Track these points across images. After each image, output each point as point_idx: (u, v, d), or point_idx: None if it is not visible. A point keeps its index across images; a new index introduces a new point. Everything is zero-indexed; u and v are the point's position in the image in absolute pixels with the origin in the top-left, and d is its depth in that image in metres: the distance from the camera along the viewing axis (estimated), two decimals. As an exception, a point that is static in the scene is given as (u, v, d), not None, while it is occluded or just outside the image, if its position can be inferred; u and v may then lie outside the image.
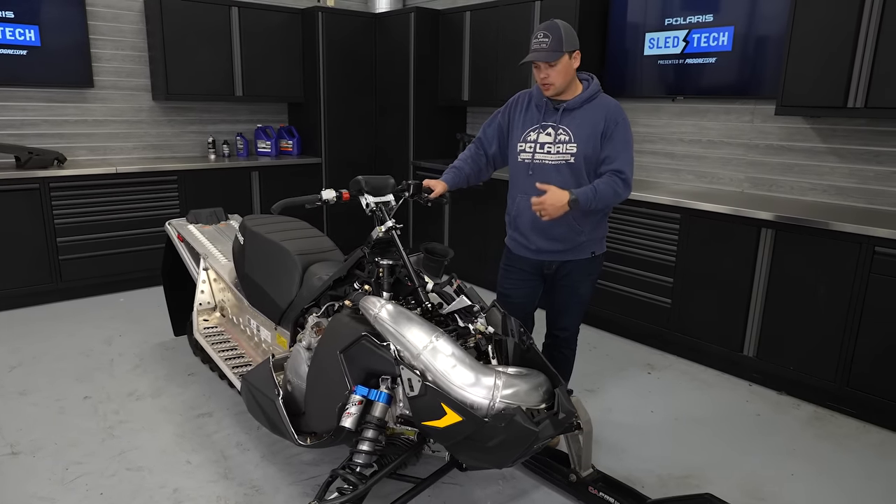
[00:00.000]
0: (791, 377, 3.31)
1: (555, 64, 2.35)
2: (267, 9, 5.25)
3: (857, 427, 3.05)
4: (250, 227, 2.89)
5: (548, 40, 2.33)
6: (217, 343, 3.00)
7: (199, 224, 3.55)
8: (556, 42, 2.32)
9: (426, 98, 5.49)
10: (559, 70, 2.36)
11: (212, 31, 4.99)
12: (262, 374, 2.34)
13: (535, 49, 2.36)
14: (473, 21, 5.07)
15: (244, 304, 2.90)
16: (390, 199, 2.32)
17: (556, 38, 2.33)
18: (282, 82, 5.47)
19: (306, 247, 2.72)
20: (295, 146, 5.71)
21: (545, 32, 2.34)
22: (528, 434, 1.74)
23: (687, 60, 4.03)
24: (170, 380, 3.33)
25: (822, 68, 3.19)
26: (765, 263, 3.31)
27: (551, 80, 2.38)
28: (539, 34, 2.35)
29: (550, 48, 2.32)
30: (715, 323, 3.56)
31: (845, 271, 3.02)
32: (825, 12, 3.15)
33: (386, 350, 1.90)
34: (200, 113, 5.39)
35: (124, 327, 4.04)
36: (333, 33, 5.41)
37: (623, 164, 2.39)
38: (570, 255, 2.57)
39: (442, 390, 1.80)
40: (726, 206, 3.42)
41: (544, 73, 2.38)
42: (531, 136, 2.52)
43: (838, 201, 3.55)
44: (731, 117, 3.95)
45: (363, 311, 2.03)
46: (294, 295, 2.56)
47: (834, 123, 3.50)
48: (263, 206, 5.28)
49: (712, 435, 2.94)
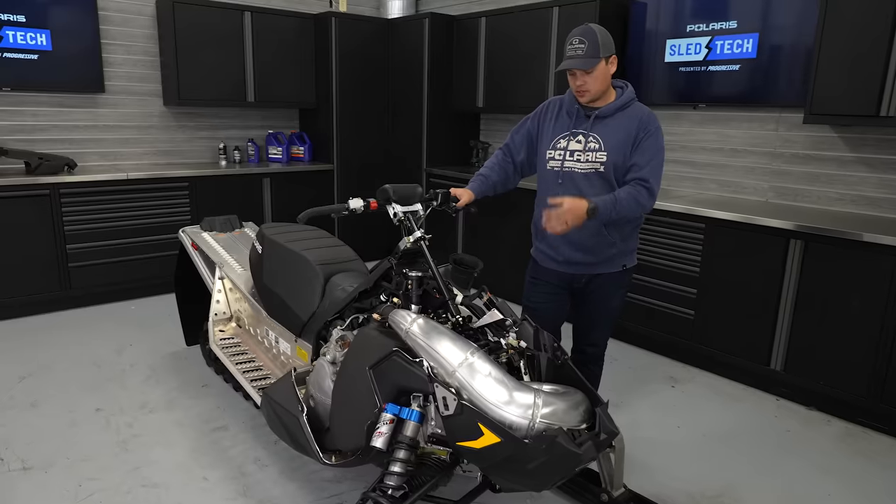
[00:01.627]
0: (821, 392, 3.22)
1: (591, 71, 2.27)
2: (280, 14, 5.20)
3: (891, 444, 2.96)
4: (269, 235, 2.82)
5: (584, 46, 2.25)
6: (234, 355, 2.92)
7: (213, 232, 3.48)
8: (592, 48, 2.25)
9: (440, 104, 5.43)
10: (596, 76, 2.29)
11: (224, 35, 4.93)
12: (284, 389, 2.26)
13: (570, 56, 2.28)
14: (489, 27, 5.01)
15: (262, 314, 2.82)
16: (418, 209, 2.25)
17: (593, 43, 2.25)
18: (294, 88, 5.41)
19: (328, 256, 2.65)
20: (306, 152, 5.64)
21: (580, 38, 2.26)
22: (571, 457, 1.66)
23: (709, 68, 3.95)
24: (183, 391, 3.24)
25: (853, 76, 3.12)
26: (793, 275, 3.22)
27: (588, 87, 2.31)
28: (574, 40, 2.28)
29: (587, 54, 2.25)
30: (740, 335, 3.47)
31: (880, 284, 2.93)
32: (856, 18, 3.08)
33: (419, 366, 1.82)
34: (211, 119, 5.33)
35: (135, 336, 3.96)
36: (346, 39, 5.35)
37: (649, 173, 2.31)
38: (601, 269, 2.49)
39: (479, 409, 1.72)
40: (753, 216, 3.34)
41: (581, 80, 2.30)
42: (561, 143, 2.45)
43: (868, 212, 3.47)
44: (755, 125, 3.88)
45: (393, 325, 1.95)
46: (316, 306, 2.49)
47: (864, 132, 3.43)
48: (275, 213, 5.21)
49: (742, 452, 2.85)
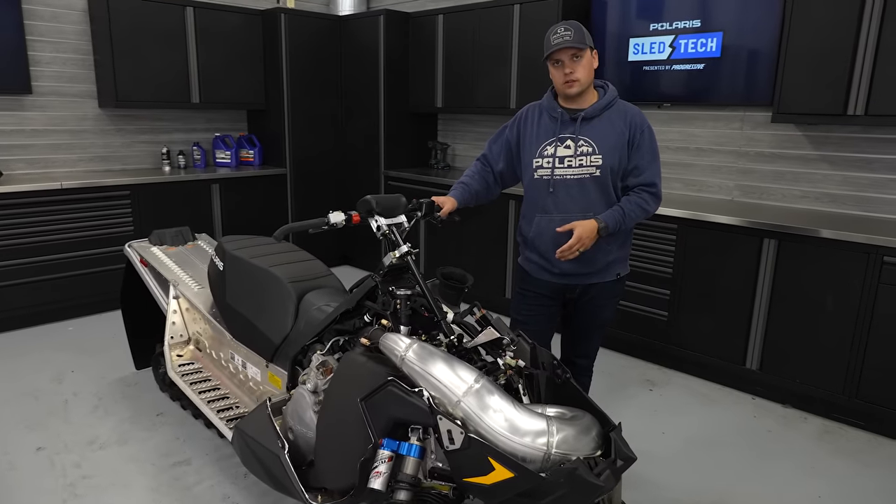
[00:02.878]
0: (796, 390, 3.23)
1: (580, 57, 2.18)
2: (225, 10, 4.89)
3: (868, 440, 2.99)
4: (230, 250, 2.58)
5: (570, 32, 2.15)
6: (196, 382, 2.67)
7: (163, 246, 3.20)
8: (579, 35, 2.16)
9: (397, 105, 5.25)
10: (584, 65, 2.20)
11: (165, 32, 4.60)
12: (260, 423, 2.05)
13: (558, 41, 2.17)
14: (447, 25, 4.86)
15: (226, 337, 2.59)
16: (402, 221, 2.08)
17: (578, 31, 2.17)
18: (242, 88, 5.11)
19: (298, 272, 2.45)
20: (256, 156, 5.35)
21: (566, 27, 2.18)
22: (592, 489, 1.53)
23: (674, 67, 3.93)
24: (136, 422, 2.96)
25: (819, 75, 3.14)
26: (767, 274, 3.22)
27: (577, 76, 2.20)
28: (559, 28, 2.18)
29: (576, 38, 2.15)
30: (715, 336, 3.46)
31: (853, 281, 2.96)
32: (821, 18, 3.10)
33: (418, 397, 1.66)
34: (153, 121, 4.97)
35: (76, 361, 3.62)
36: (297, 36, 5.10)
37: (653, 176, 2.25)
38: (596, 278, 2.39)
39: (489, 442, 1.57)
40: (726, 217, 3.33)
41: (569, 69, 2.19)
42: (548, 150, 2.32)
43: (831, 209, 3.52)
44: (720, 124, 3.89)
45: (386, 351, 1.78)
46: (289, 328, 2.28)
47: (828, 131, 3.47)
48: (226, 222, 4.91)
49: (729, 456, 2.81)
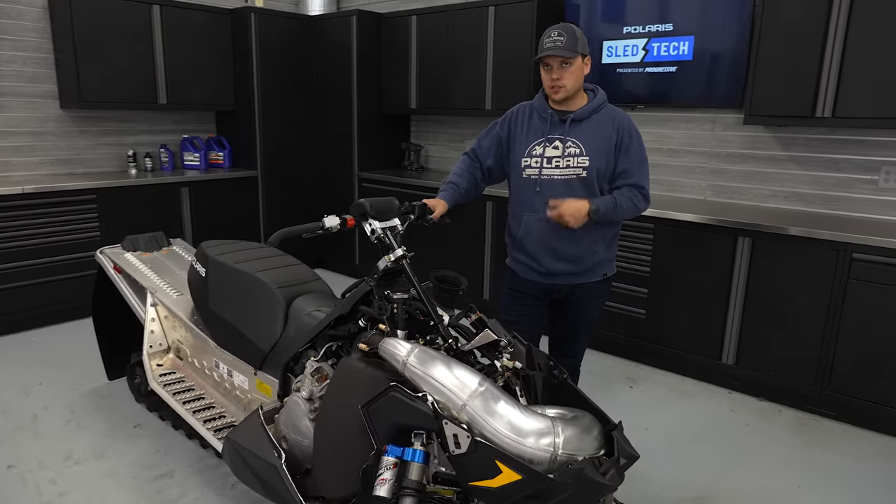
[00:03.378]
0: (770, 383, 3.33)
1: (569, 64, 2.20)
2: (192, 8, 4.77)
3: (840, 430, 3.10)
4: (213, 256, 2.52)
5: (563, 38, 2.17)
6: (180, 392, 2.59)
7: (137, 252, 3.10)
8: (571, 41, 2.18)
9: (370, 106, 5.21)
10: (572, 72, 2.22)
11: (131, 31, 4.46)
12: (253, 432, 2.00)
13: (549, 46, 2.19)
14: (421, 26, 4.85)
15: (210, 345, 2.52)
16: (396, 224, 2.06)
17: (571, 37, 2.18)
18: (210, 89, 5.00)
19: (285, 277, 2.40)
20: (226, 158, 5.24)
21: (559, 31, 2.19)
22: (599, 489, 1.55)
23: (647, 69, 4.01)
24: (113, 435, 2.86)
25: (789, 79, 3.24)
26: (742, 271, 3.31)
27: (563, 83, 2.22)
28: (553, 33, 2.20)
29: (566, 46, 2.17)
30: (692, 332, 3.54)
31: (824, 277, 3.07)
32: (790, 23, 3.20)
33: (422, 402, 1.64)
34: (118, 123, 4.81)
35: (43, 373, 3.48)
36: (267, 36, 5.01)
37: (642, 179, 2.29)
38: (583, 278, 2.42)
39: (495, 445, 1.57)
40: (701, 216, 3.41)
41: (557, 74, 2.21)
42: (536, 150, 2.34)
43: (800, 207, 3.64)
44: (692, 126, 3.98)
45: (386, 356, 1.76)
46: (278, 335, 2.24)
47: (795, 132, 3.59)
48: (196, 226, 4.79)
49: (711, 450, 2.88)
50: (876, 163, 3.36)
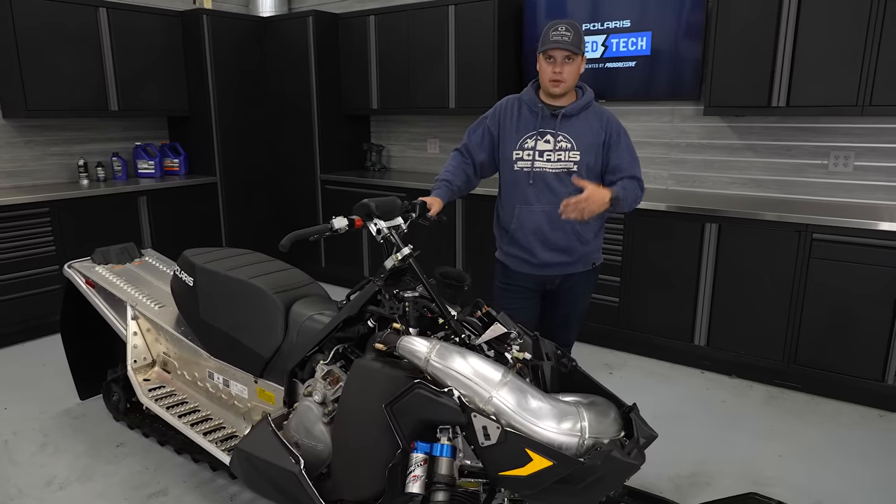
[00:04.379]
0: (740, 361, 3.50)
1: (573, 60, 2.26)
2: (141, 10, 4.60)
3: (807, 401, 3.30)
4: (200, 264, 2.45)
5: (570, 34, 2.23)
6: (174, 406, 2.50)
7: (109, 264, 2.98)
8: (577, 39, 2.24)
9: (331, 108, 5.16)
10: (573, 68, 2.28)
11: (77, 35, 4.26)
12: (265, 441, 1.97)
13: (556, 39, 2.23)
14: (380, 26, 4.83)
15: (202, 356, 2.45)
16: (400, 223, 2.07)
17: (577, 35, 2.25)
18: (163, 94, 4.83)
19: (280, 282, 2.36)
20: (182, 165, 5.07)
21: (567, 26, 2.24)
22: (627, 469, 1.61)
23: (607, 65, 4.14)
24: (96, 456, 2.74)
25: (746, 72, 3.42)
26: (710, 256, 3.47)
27: (564, 77, 2.28)
28: (560, 27, 2.25)
29: (573, 42, 2.22)
30: (665, 317, 3.68)
31: (787, 258, 3.25)
32: (744, 20, 3.37)
33: (448, 396, 1.66)
34: (65, 131, 4.59)
35: (7, 397, 3.28)
36: (221, 38, 4.88)
37: (637, 172, 2.38)
38: (575, 268, 2.49)
39: (525, 434, 1.60)
40: (670, 204, 3.55)
41: (559, 68, 2.27)
42: (528, 143, 2.39)
43: (757, 193, 3.84)
44: (652, 118, 4.13)
45: (407, 355, 1.76)
46: (280, 341, 2.20)
47: (750, 122, 3.78)
48: (155, 236, 4.62)
49: (694, 428, 3.01)
50: (825, 148, 3.59)
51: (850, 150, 3.51)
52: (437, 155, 5.18)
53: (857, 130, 3.47)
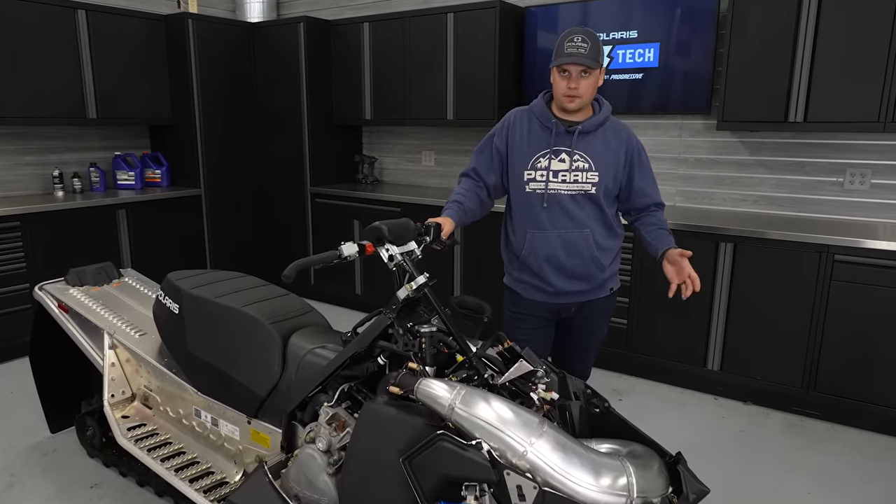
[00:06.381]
0: (756, 387, 3.35)
1: (589, 74, 2.06)
2: (122, 14, 4.36)
3: (827, 429, 3.14)
4: (187, 289, 2.22)
5: (587, 46, 2.03)
6: (155, 448, 2.26)
7: (85, 286, 2.74)
8: (594, 51, 2.04)
9: (321, 117, 4.95)
10: (590, 83, 2.08)
11: (54, 38, 4.01)
12: (261, 494, 1.75)
13: (571, 52, 2.04)
14: (374, 33, 4.65)
15: (188, 391, 2.22)
16: (414, 248, 1.86)
17: (595, 47, 2.05)
18: (145, 101, 4.59)
19: (276, 311, 2.14)
20: (164, 176, 4.82)
21: (583, 37, 2.04)
22: (682, 535, 1.42)
23: (612, 76, 3.99)
24: (67, 499, 2.48)
25: (761, 84, 3.28)
26: (725, 277, 3.32)
27: (580, 92, 2.08)
28: (576, 38, 2.05)
29: (590, 55, 2.03)
30: (676, 340, 3.51)
31: (807, 279, 3.10)
32: (762, 30, 3.24)
33: (476, 450, 1.46)
34: (40, 140, 4.32)
35: (-30, 431, 3.02)
36: (207, 44, 4.65)
37: (660, 196, 2.23)
38: (592, 295, 2.29)
39: (566, 494, 1.41)
40: (682, 222, 3.40)
41: (574, 83, 2.07)
42: (541, 162, 2.19)
43: (770, 211, 3.70)
44: (660, 132, 3.98)
45: (426, 399, 1.56)
46: (277, 377, 1.98)
47: (762, 137, 3.65)
48: (135, 252, 4.36)
49: (716, 462, 2.83)
50: (841, 165, 3.46)
51: (868, 167, 3.39)
52: (433, 168, 5.00)
53: (874, 147, 3.35)
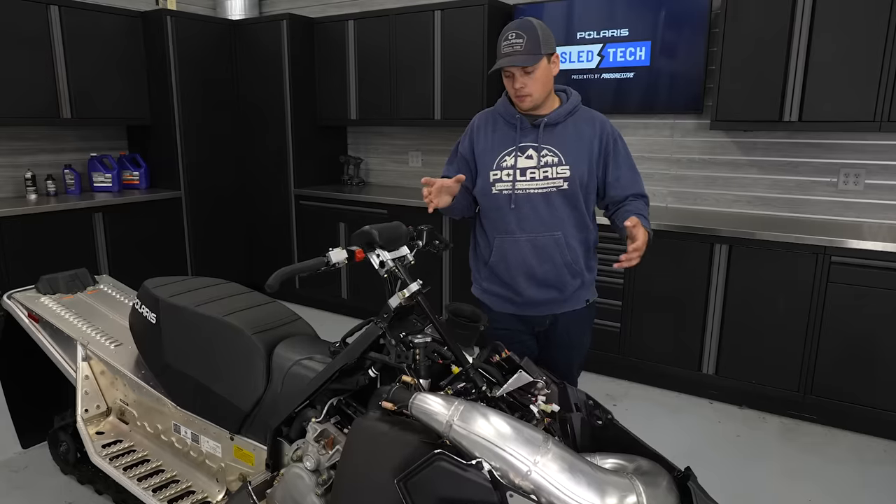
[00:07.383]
0: (751, 390, 3.29)
1: (532, 70, 1.93)
2: (98, 10, 4.21)
3: (825, 434, 3.09)
4: (165, 298, 2.10)
5: (522, 41, 1.90)
6: (131, 466, 2.13)
7: (57, 294, 2.60)
8: (532, 44, 1.91)
9: (304, 118, 4.83)
10: (537, 77, 1.95)
11: (25, 35, 3.85)
12: (245, 516, 1.64)
13: (506, 53, 1.93)
14: (359, 31, 4.54)
15: (167, 405, 2.10)
16: (406, 253, 1.76)
17: (532, 38, 1.91)
18: (122, 100, 4.44)
19: (260, 320, 2.03)
20: (143, 178, 4.67)
21: (517, 32, 1.92)
22: (696, 557, 1.34)
23: (603, 75, 3.92)
24: (39, 520, 2.35)
25: (755, 84, 3.23)
26: (720, 279, 3.26)
27: (529, 91, 1.96)
28: (510, 35, 1.93)
29: (526, 51, 1.90)
30: (670, 344, 3.45)
31: (804, 281, 3.05)
32: (756, 29, 3.19)
33: (476, 471, 1.36)
34: (11, 141, 4.16)
35: (-65, 447, 2.86)
36: (185, 41, 4.52)
37: (642, 187, 2.11)
38: (566, 306, 2.15)
39: (573, 518, 1.32)
40: (674, 224, 3.33)
41: (520, 83, 1.95)
42: (507, 160, 2.05)
43: (763, 211, 3.66)
44: (651, 132, 3.92)
45: (422, 416, 1.46)
46: (261, 391, 1.87)
47: (755, 136, 3.60)
48: (112, 257, 4.21)
49: (714, 467, 2.76)
50: (835, 165, 3.42)
51: (862, 167, 3.35)
52: (419, 169, 4.90)
53: (869, 147, 3.31)
